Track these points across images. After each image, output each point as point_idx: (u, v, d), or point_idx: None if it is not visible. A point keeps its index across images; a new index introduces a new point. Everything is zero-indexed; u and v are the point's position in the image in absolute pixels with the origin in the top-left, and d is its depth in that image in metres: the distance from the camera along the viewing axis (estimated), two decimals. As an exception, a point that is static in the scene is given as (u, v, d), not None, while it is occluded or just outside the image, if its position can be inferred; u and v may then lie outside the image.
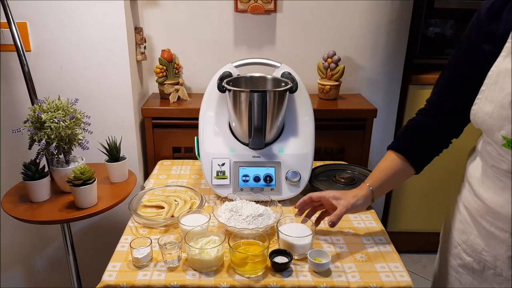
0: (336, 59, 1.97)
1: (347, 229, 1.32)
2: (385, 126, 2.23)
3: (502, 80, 0.92)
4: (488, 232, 1.04)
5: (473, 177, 1.10)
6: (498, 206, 1.00)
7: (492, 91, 0.94)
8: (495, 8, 0.97)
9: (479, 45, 1.00)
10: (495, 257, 1.03)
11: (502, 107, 0.91)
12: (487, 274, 1.06)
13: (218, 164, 1.46)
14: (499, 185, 1.00)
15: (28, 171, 1.40)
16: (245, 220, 1.25)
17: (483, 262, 1.07)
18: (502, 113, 0.91)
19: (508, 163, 0.96)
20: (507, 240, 1.00)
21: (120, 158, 1.59)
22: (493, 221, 1.02)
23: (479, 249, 1.07)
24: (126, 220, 1.38)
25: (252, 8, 1.93)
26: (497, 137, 0.94)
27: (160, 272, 1.11)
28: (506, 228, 0.99)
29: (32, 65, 1.60)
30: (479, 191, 1.06)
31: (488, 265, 1.05)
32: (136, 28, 1.84)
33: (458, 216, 1.15)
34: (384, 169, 1.19)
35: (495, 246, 1.03)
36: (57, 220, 1.37)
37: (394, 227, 2.42)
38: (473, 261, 1.09)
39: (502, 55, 0.92)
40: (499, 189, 1.00)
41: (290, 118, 1.53)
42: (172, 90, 1.93)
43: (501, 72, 0.92)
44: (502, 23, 0.95)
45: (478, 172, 1.08)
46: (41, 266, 2.07)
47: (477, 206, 1.07)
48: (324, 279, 1.09)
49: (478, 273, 1.08)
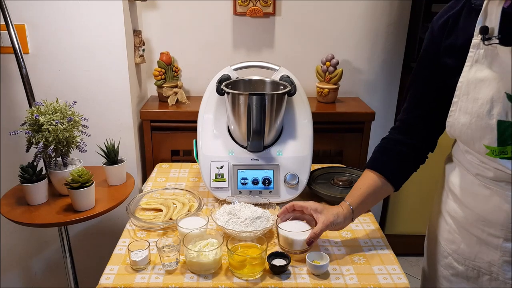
0: (334, 62, 1.97)
1: (345, 231, 1.32)
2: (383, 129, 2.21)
3: (473, 90, 0.92)
4: (480, 240, 1.04)
5: (456, 186, 1.10)
6: (487, 214, 1.01)
7: (466, 102, 0.94)
8: (449, 22, 0.99)
9: (440, 60, 1.02)
10: (490, 263, 1.04)
11: (480, 117, 0.92)
12: (482, 280, 1.07)
13: (216, 167, 1.46)
14: (486, 193, 1.00)
15: (26, 173, 1.39)
16: (243, 223, 1.25)
17: (477, 269, 1.07)
18: (481, 123, 0.92)
19: (493, 171, 0.96)
20: (500, 246, 1.00)
21: (118, 161, 1.59)
22: (484, 228, 1.02)
23: (472, 257, 1.07)
24: (124, 223, 1.37)
25: (251, 11, 1.93)
26: (479, 147, 0.95)
27: (158, 275, 1.11)
28: (498, 234, 1.00)
29: (30, 68, 1.60)
30: (465, 200, 1.06)
31: (483, 271, 1.06)
32: (135, 30, 1.84)
33: (444, 226, 1.15)
34: (363, 187, 1.19)
35: (488, 252, 1.03)
36: (54, 223, 1.36)
37: (392, 230, 2.42)
38: (467, 269, 1.09)
39: (467, 65, 0.93)
40: (487, 197, 1.00)
41: (289, 121, 1.53)
42: (170, 93, 1.93)
43: (470, 82, 0.93)
44: (459, 35, 0.96)
45: (461, 181, 1.08)
46: (39, 269, 2.06)
47: (465, 215, 1.07)
48: (322, 281, 1.09)
49: (473, 280, 1.09)
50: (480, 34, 0.90)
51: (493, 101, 0.89)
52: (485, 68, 0.90)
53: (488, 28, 0.88)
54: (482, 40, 0.89)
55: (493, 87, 0.89)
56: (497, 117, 0.89)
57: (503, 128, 0.89)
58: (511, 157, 0.91)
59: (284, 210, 1.24)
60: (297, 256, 1.17)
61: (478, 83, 0.91)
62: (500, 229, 0.99)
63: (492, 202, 0.99)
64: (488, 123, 0.91)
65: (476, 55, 0.91)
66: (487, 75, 0.90)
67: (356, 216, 1.19)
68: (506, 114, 0.88)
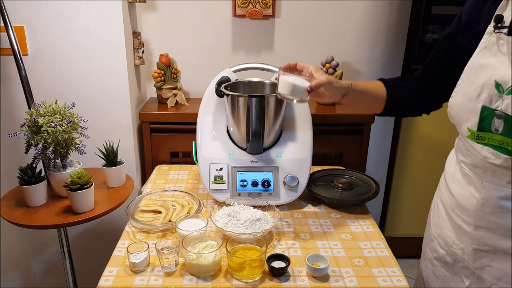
0: (334, 64, 1.97)
1: (344, 234, 1.32)
2: (383, 131, 2.23)
3: (473, 74, 0.96)
4: (457, 225, 1.08)
5: (447, 173, 1.15)
6: (463, 200, 1.05)
7: (465, 85, 0.98)
8: (478, 5, 1.01)
9: (459, 40, 1.05)
10: (463, 250, 1.08)
11: (470, 100, 0.96)
12: (457, 267, 1.11)
13: (216, 169, 1.46)
14: (465, 179, 1.05)
15: (25, 175, 1.39)
16: (243, 225, 1.24)
17: (454, 255, 1.11)
18: (469, 106, 0.96)
19: (472, 157, 1.00)
20: (471, 233, 1.04)
21: (117, 162, 1.59)
22: (460, 214, 1.07)
23: (450, 242, 1.12)
24: (123, 225, 1.37)
25: (251, 13, 1.93)
26: (464, 129, 0.99)
27: (157, 277, 1.10)
28: (470, 221, 1.04)
29: (29, 69, 1.60)
30: (451, 185, 1.11)
31: (458, 259, 1.10)
32: (134, 32, 1.84)
33: (435, 211, 1.21)
34: (369, 85, 1.26)
35: (462, 239, 1.07)
36: (53, 224, 1.36)
37: (392, 232, 2.42)
38: (446, 254, 1.14)
39: (477, 50, 0.96)
40: (465, 183, 1.04)
41: (288, 123, 1.53)
42: (170, 94, 1.93)
43: (473, 66, 0.96)
44: (482, 19, 0.99)
45: (452, 168, 1.13)
46: (38, 270, 2.06)
47: (450, 201, 1.12)
48: (322, 283, 1.08)
49: (450, 265, 1.13)
50: (494, 22, 0.92)
51: (483, 87, 0.92)
52: (489, 56, 0.93)
53: (503, 17, 0.91)
54: (494, 28, 0.92)
55: (488, 74, 0.92)
56: (482, 102, 0.93)
57: (485, 114, 0.93)
58: (487, 144, 0.94)
59: (287, 66, 1.24)
60: (296, 258, 1.17)
61: (479, 68, 0.94)
62: (471, 216, 1.03)
63: (468, 189, 1.03)
64: (474, 107, 0.95)
65: (487, 41, 0.94)
66: (488, 62, 0.93)
67: (348, 97, 1.21)
68: (491, 101, 0.91)
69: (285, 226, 1.36)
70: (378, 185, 1.53)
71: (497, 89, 0.90)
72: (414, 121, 2.17)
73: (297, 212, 1.44)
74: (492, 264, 1.02)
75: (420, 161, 2.26)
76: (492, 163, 0.94)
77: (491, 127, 0.92)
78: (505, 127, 0.90)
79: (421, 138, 2.20)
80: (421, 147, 2.23)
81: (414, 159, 2.25)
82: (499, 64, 0.90)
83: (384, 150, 2.29)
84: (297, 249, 1.23)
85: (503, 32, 0.90)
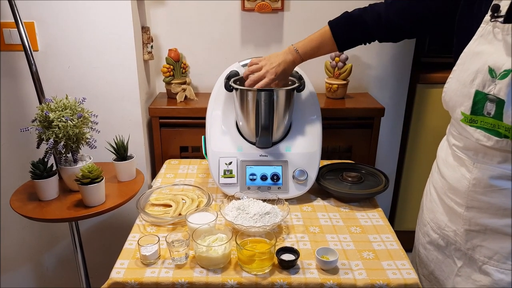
0: (343, 58, 1.96)
1: (354, 227, 1.32)
2: (393, 125, 2.22)
3: (469, 61, 1.00)
4: (449, 208, 1.12)
5: (439, 158, 1.20)
6: (455, 182, 1.09)
7: (460, 71, 1.02)
8: None
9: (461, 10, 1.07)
10: (455, 232, 1.12)
11: (464, 85, 1.00)
12: (449, 249, 1.15)
13: (225, 163, 1.47)
14: (457, 162, 1.09)
15: (37, 170, 1.41)
16: (252, 218, 1.25)
17: (446, 238, 1.15)
18: (464, 90, 1.00)
19: (464, 140, 1.05)
20: (463, 214, 1.08)
21: (127, 157, 1.60)
22: (452, 196, 1.11)
23: (443, 225, 1.16)
24: (134, 218, 1.38)
25: (259, 6, 1.93)
26: (457, 113, 1.03)
27: (168, 270, 1.12)
28: (462, 202, 1.08)
29: (39, 65, 1.61)
30: (443, 169, 1.15)
31: (450, 241, 1.14)
32: (143, 27, 1.84)
33: (428, 196, 1.26)
34: (314, 39, 1.41)
35: (454, 220, 1.12)
36: (65, 218, 1.38)
37: (402, 226, 2.41)
38: (439, 237, 1.18)
39: (474, 38, 0.99)
40: (457, 166, 1.09)
41: (298, 117, 1.53)
42: (179, 89, 1.94)
43: (469, 54, 1.00)
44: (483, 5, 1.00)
45: (443, 152, 1.17)
46: (50, 264, 2.08)
47: (442, 184, 1.16)
48: (331, 276, 1.09)
49: (443, 249, 1.18)
50: (490, 11, 0.95)
51: (478, 72, 0.97)
52: (485, 43, 0.96)
53: (500, 7, 0.94)
54: (491, 17, 0.95)
55: (482, 60, 0.96)
56: (476, 87, 0.97)
57: (478, 98, 0.97)
58: (479, 127, 0.99)
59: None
60: (306, 251, 1.17)
61: (474, 55, 0.98)
62: (463, 197, 1.07)
63: (460, 171, 1.07)
64: (468, 91, 0.99)
65: (483, 30, 0.97)
66: (483, 49, 0.96)
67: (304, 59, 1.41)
68: (484, 85, 0.96)
69: (294, 219, 1.36)
70: (388, 179, 1.53)
71: (490, 74, 0.94)
72: (424, 114, 2.15)
73: (306, 206, 1.44)
74: (483, 243, 1.07)
75: (430, 155, 2.23)
76: (484, 145, 0.99)
77: (484, 111, 0.97)
78: (497, 110, 0.94)
79: (431, 132, 2.18)
80: (431, 141, 2.21)
81: (424, 152, 2.24)
82: (494, 51, 0.94)
83: (394, 144, 2.27)
84: (306, 242, 1.24)
85: (499, 21, 0.93)
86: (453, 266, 1.15)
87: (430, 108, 2.12)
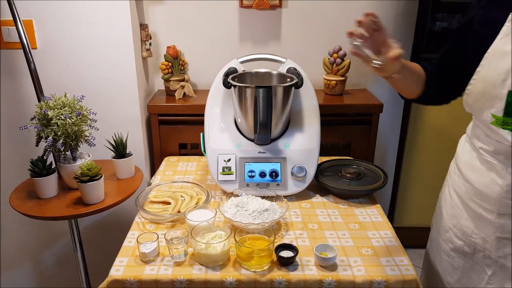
0: (341, 54, 1.96)
1: (352, 223, 1.32)
2: (391, 121, 2.22)
3: (497, 60, 0.95)
4: (476, 214, 1.07)
5: (462, 161, 1.13)
6: (484, 187, 1.03)
7: (486, 71, 0.97)
8: None
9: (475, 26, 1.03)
10: (484, 239, 1.06)
11: (494, 86, 0.94)
12: (477, 257, 1.09)
13: (224, 160, 1.47)
14: (485, 166, 1.03)
15: (36, 167, 1.41)
16: (251, 215, 1.25)
17: (473, 245, 1.10)
18: (493, 92, 0.94)
19: (495, 144, 0.99)
20: (494, 221, 1.03)
21: (126, 154, 1.60)
22: (480, 202, 1.05)
23: (469, 232, 1.10)
24: (133, 216, 1.38)
25: (257, 3, 1.93)
26: (486, 116, 0.98)
27: (167, 267, 1.12)
28: (492, 208, 1.02)
29: (38, 63, 1.61)
30: (467, 173, 1.10)
31: (478, 248, 1.08)
32: (142, 24, 1.84)
33: (449, 201, 1.19)
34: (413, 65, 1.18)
35: (483, 227, 1.06)
36: (64, 216, 1.38)
37: (400, 222, 2.42)
38: (464, 244, 1.12)
39: (499, 37, 0.95)
40: (485, 170, 1.03)
41: (296, 113, 1.53)
42: (177, 86, 1.93)
43: (494, 53, 0.95)
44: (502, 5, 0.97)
45: (466, 156, 1.11)
46: (50, 262, 2.09)
47: (466, 189, 1.10)
48: (330, 273, 1.09)
49: (469, 256, 1.11)
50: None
51: (509, 72, 0.91)
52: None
53: None
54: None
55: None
56: (508, 88, 0.91)
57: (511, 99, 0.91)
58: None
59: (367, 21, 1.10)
60: (304, 248, 1.17)
61: (502, 54, 0.93)
62: (494, 204, 1.01)
63: (489, 176, 1.02)
64: (499, 92, 0.93)
65: (509, 29, 0.93)
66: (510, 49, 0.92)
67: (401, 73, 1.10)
68: None
69: (293, 216, 1.36)
70: (387, 175, 1.53)
71: None
72: (423, 110, 2.15)
73: (305, 203, 1.45)
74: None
75: (429, 151, 2.25)
76: None
77: None
78: None
79: (430, 128, 2.19)
80: (430, 137, 2.21)
81: (422, 149, 2.24)
82: None
83: (393, 140, 2.27)
84: (305, 239, 1.24)
85: None
86: (483, 274, 1.09)
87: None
